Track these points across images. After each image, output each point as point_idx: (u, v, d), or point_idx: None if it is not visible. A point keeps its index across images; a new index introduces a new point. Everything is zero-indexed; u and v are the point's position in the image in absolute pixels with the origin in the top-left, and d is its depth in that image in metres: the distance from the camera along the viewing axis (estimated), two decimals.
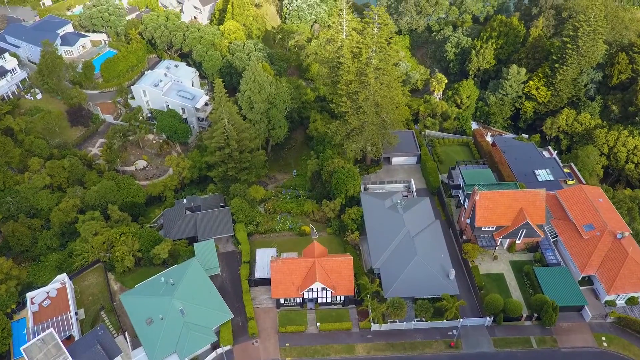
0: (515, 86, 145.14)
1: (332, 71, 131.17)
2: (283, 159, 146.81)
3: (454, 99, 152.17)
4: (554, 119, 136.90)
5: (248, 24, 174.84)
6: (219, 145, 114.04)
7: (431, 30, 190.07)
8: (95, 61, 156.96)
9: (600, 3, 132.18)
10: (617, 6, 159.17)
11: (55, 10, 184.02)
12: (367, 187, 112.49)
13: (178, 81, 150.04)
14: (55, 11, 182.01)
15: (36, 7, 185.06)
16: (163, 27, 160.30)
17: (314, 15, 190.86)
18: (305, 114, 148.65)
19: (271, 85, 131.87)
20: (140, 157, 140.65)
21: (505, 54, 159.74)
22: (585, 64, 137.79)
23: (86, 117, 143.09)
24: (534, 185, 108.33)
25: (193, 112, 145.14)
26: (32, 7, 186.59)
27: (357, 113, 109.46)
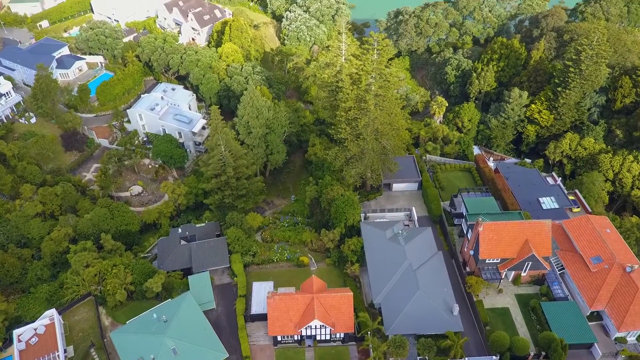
0: (517, 110, 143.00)
1: (330, 95, 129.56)
2: (281, 183, 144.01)
3: (455, 122, 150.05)
4: (557, 144, 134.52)
5: (246, 46, 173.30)
6: (215, 172, 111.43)
7: (431, 51, 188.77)
8: (91, 84, 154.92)
9: (602, 27, 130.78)
10: (619, 29, 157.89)
11: (52, 32, 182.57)
12: (367, 215, 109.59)
13: (175, 104, 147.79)
14: (52, 33, 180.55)
15: (33, 29, 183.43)
16: (160, 50, 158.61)
17: (312, 36, 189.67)
18: (304, 137, 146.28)
19: (269, 109, 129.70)
20: (135, 182, 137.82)
21: (506, 77, 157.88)
22: (588, 88, 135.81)
23: (81, 142, 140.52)
24: (539, 213, 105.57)
25: (190, 137, 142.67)
26: (29, 29, 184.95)
27: (357, 140, 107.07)
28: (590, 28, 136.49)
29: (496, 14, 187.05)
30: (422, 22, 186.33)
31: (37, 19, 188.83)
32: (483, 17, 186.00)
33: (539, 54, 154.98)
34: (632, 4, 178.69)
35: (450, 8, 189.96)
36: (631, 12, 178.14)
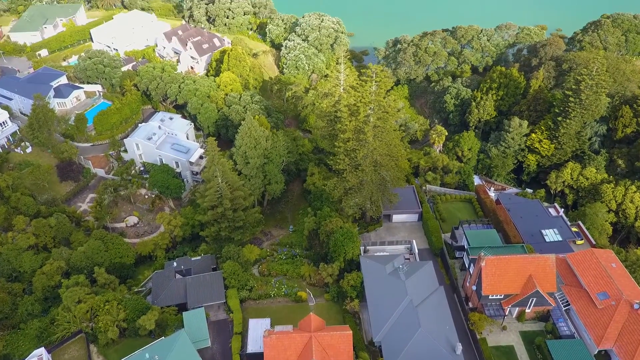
0: (517, 139, 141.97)
1: (329, 124, 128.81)
2: (280, 213, 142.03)
3: (454, 151, 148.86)
4: (558, 173, 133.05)
5: (245, 75, 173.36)
6: (211, 204, 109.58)
7: (430, 80, 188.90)
8: (89, 113, 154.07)
9: (602, 57, 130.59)
10: (618, 57, 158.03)
11: (50, 61, 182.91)
12: (367, 248, 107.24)
13: (172, 134, 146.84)
14: (51, 62, 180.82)
15: (32, 58, 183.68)
16: (158, 79, 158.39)
17: (311, 65, 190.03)
18: (302, 166, 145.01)
19: (267, 139, 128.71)
20: (131, 212, 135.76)
21: (505, 106, 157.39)
22: (589, 117, 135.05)
23: (76, 172, 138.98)
24: (542, 246, 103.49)
25: (187, 166, 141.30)
26: (28, 58, 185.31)
27: (356, 171, 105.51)
28: (589, 58, 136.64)
29: (494, 43, 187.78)
30: (421, 50, 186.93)
31: (36, 48, 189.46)
32: (481, 46, 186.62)
33: (538, 83, 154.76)
34: (629, 33, 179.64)
35: (448, 37, 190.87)
36: (629, 41, 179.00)
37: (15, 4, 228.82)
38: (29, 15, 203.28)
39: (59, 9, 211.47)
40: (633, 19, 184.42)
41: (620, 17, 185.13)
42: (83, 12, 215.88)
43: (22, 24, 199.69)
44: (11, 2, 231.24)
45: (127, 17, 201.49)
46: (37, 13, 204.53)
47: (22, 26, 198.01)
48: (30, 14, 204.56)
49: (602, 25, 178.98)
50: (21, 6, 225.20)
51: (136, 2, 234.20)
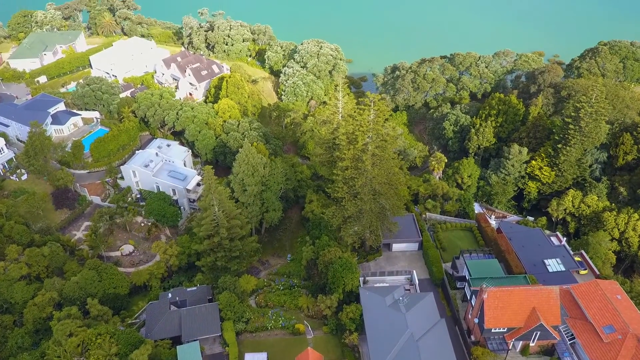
0: (517, 166, 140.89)
1: (327, 151, 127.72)
2: (277, 241, 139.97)
3: (454, 178, 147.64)
4: (559, 201, 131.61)
5: (243, 102, 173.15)
6: (207, 233, 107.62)
7: (429, 106, 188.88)
8: (86, 140, 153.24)
9: (600, 84, 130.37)
10: (616, 84, 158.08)
11: (49, 87, 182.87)
12: (367, 279, 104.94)
13: (170, 161, 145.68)
14: (49, 88, 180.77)
15: (30, 85, 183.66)
16: (156, 106, 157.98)
17: (310, 92, 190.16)
18: (301, 192, 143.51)
19: (265, 166, 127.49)
20: (126, 241, 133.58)
21: (505, 132, 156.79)
22: (589, 145, 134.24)
23: (72, 199, 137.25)
24: (545, 276, 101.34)
25: (184, 194, 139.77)
26: (26, 85, 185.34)
27: (354, 199, 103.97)
28: (588, 85, 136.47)
29: (492, 70, 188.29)
30: (419, 77, 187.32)
31: (35, 75, 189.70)
32: (480, 73, 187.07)
33: (537, 110, 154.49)
34: (627, 60, 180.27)
35: (446, 64, 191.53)
36: (627, 68, 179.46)
37: (16, 31, 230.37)
38: (29, 42, 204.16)
39: (59, 36, 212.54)
40: (630, 46, 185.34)
41: (617, 44, 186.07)
42: (83, 39, 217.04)
43: (21, 50, 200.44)
44: (12, 29, 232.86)
45: (126, 44, 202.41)
46: (37, 40, 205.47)
47: (21, 53, 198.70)
48: (30, 41, 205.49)
49: (600, 52, 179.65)
50: (22, 33, 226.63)
51: (136, 29, 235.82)
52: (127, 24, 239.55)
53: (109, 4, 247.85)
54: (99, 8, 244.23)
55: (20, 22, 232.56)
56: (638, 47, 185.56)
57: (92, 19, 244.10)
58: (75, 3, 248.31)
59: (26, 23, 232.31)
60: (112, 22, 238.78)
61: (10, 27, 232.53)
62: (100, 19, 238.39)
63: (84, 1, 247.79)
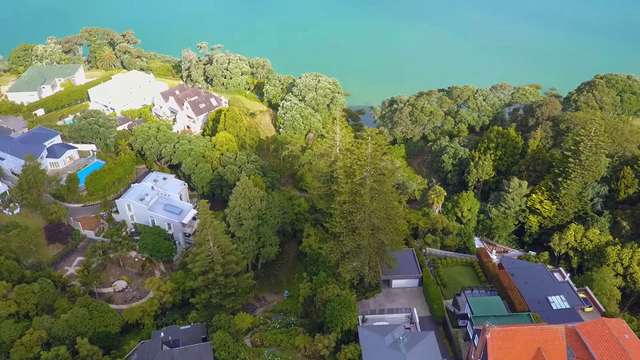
0: (517, 199, 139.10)
1: (325, 185, 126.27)
2: (274, 277, 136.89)
3: (454, 212, 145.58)
4: (561, 235, 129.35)
5: (241, 135, 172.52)
6: (202, 269, 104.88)
7: (427, 139, 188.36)
8: (81, 173, 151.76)
9: (599, 117, 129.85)
10: (615, 118, 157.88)
11: (46, 120, 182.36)
12: (366, 317, 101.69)
13: (165, 194, 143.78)
14: (47, 121, 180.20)
15: (28, 118, 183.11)
16: (153, 139, 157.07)
17: (307, 125, 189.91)
18: (298, 226, 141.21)
19: (262, 200, 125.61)
20: (120, 277, 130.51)
21: (504, 165, 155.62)
22: (589, 178, 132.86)
23: (65, 234, 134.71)
24: (549, 314, 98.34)
25: (180, 228, 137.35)
26: (24, 117, 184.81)
27: (353, 234, 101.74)
28: (587, 118, 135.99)
29: (490, 103, 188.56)
30: (417, 110, 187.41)
31: (33, 108, 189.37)
32: (477, 106, 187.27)
33: (536, 143, 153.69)
34: (624, 94, 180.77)
35: (444, 97, 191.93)
36: (624, 101, 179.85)
37: (16, 64, 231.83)
38: (28, 76, 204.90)
39: (58, 69, 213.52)
40: (627, 79, 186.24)
41: (614, 77, 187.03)
42: (82, 73, 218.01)
43: (20, 84, 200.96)
44: (12, 62, 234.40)
45: (125, 77, 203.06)
46: (36, 73, 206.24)
47: (20, 86, 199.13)
48: (29, 74, 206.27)
49: (597, 85, 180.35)
50: (21, 66, 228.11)
51: (135, 62, 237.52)
52: (127, 58, 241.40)
53: (109, 38, 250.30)
54: (99, 42, 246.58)
55: (20, 55, 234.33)
56: (634, 80, 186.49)
57: (92, 53, 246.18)
58: (75, 37, 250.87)
59: (26, 57, 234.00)
60: (111, 56, 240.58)
61: (11, 61, 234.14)
62: (100, 52, 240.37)
63: (84, 35, 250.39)
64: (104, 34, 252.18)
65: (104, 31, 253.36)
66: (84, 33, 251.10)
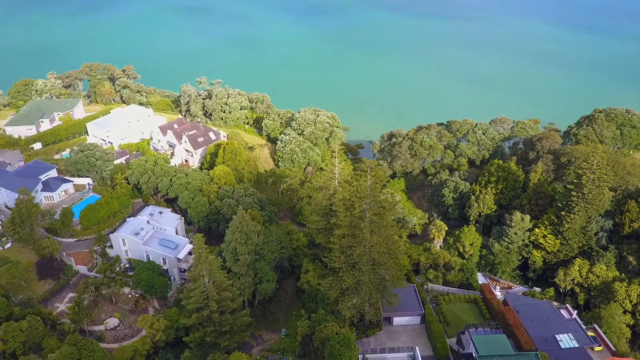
0: (520, 234, 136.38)
1: (324, 218, 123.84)
2: (271, 314, 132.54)
3: (455, 247, 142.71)
4: (566, 270, 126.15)
5: (240, 168, 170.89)
6: (196, 306, 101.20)
7: (427, 173, 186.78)
8: (76, 207, 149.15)
9: (601, 150, 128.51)
10: (616, 151, 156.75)
11: (43, 154, 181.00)
12: (366, 357, 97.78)
13: (161, 229, 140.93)
14: (44, 155, 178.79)
15: (25, 151, 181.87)
16: (150, 172, 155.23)
17: (306, 158, 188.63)
18: (296, 262, 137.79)
19: (259, 234, 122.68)
20: (112, 314, 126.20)
21: (506, 199, 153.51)
22: (593, 212, 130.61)
23: (57, 269, 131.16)
24: (557, 354, 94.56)
25: (175, 263, 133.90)
26: (21, 151, 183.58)
27: (352, 270, 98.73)
28: (589, 151, 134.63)
29: (490, 137, 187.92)
30: (416, 144, 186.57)
31: (30, 141, 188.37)
32: (477, 140, 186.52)
33: (537, 177, 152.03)
34: (624, 127, 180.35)
35: (443, 131, 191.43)
36: (624, 135, 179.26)
37: (15, 99, 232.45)
38: (27, 110, 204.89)
39: (57, 103, 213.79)
40: (626, 113, 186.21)
41: (613, 111, 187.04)
42: (81, 107, 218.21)
43: (18, 117, 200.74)
44: (12, 97, 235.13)
45: (124, 111, 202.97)
46: (35, 107, 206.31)
47: (18, 120, 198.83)
48: (28, 108, 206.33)
49: (596, 119, 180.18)
50: (21, 101, 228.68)
51: (135, 97, 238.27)
52: (126, 92, 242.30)
53: (109, 73, 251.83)
54: (99, 77, 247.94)
55: (20, 90, 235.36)
56: (633, 114, 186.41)
57: (92, 88, 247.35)
58: (76, 72, 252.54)
59: (26, 91, 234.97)
60: (111, 91, 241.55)
61: (11, 96, 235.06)
62: (100, 87, 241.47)
63: (84, 70, 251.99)
64: (104, 69, 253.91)
65: (105, 66, 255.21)
66: (84, 68, 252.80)
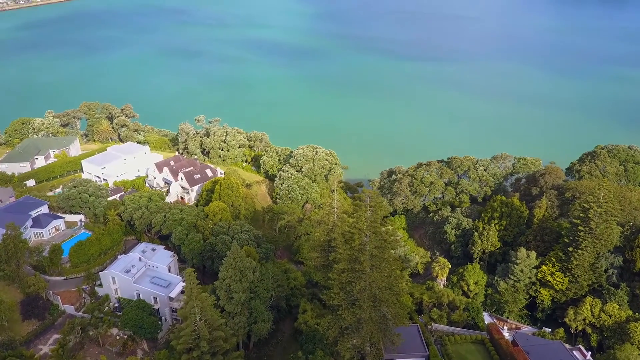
0: (526, 271, 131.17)
1: (322, 255, 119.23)
2: (267, 357, 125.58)
3: (459, 286, 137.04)
4: (576, 310, 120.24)
5: (236, 205, 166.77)
6: (186, 346, 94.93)
7: (428, 210, 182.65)
8: (66, 244, 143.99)
9: (607, 184, 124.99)
10: (622, 187, 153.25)
11: (36, 191, 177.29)
12: None
13: (153, 266, 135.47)
14: (36, 192, 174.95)
15: (18, 188, 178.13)
16: (144, 208, 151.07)
17: (305, 195, 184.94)
18: (294, 302, 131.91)
19: (254, 271, 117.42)
20: (98, 356, 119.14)
21: (510, 236, 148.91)
22: (602, 248, 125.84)
23: (42, 308, 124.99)
24: None
25: (166, 302, 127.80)
26: (14, 188, 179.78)
27: (352, 307, 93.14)
28: (594, 185, 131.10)
29: (492, 173, 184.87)
30: (417, 180, 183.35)
31: (24, 178, 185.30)
32: (479, 176, 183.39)
33: (542, 212, 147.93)
34: (627, 163, 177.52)
35: (444, 167, 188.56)
36: (628, 171, 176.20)
37: (12, 137, 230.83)
38: (22, 147, 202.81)
39: (53, 141, 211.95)
40: (628, 149, 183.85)
41: (615, 148, 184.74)
42: (77, 145, 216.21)
43: (13, 155, 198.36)
44: (9, 135, 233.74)
45: (120, 149, 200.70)
46: (30, 145, 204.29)
47: (12, 157, 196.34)
48: (24, 145, 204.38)
49: (599, 155, 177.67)
50: (17, 139, 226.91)
51: (132, 135, 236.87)
52: (124, 131, 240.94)
53: (107, 112, 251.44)
54: (98, 116, 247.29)
55: (17, 128, 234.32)
56: (636, 150, 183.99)
57: (90, 126, 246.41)
58: (74, 111, 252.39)
59: (24, 130, 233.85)
60: (109, 129, 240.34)
61: (7, 134, 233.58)
62: (98, 126, 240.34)
63: (83, 109, 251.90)
64: (103, 108, 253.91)
65: (104, 105, 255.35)
66: (83, 107, 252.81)
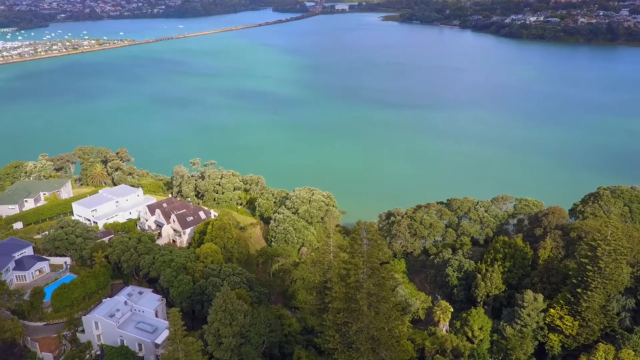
0: (534, 315, 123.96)
1: (318, 297, 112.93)
2: None
3: (463, 331, 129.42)
4: (589, 357, 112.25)
5: (229, 247, 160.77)
6: None
7: (428, 253, 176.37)
8: (49, 288, 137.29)
9: (614, 220, 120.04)
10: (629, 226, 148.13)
11: (23, 233, 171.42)
12: None
13: (140, 310, 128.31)
14: (22, 234, 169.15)
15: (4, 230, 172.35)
16: (132, 250, 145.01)
17: (301, 238, 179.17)
18: (288, 350, 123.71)
19: (246, 315, 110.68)
20: None
21: (515, 278, 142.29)
22: (612, 289, 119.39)
23: (18, 356, 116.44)
24: None
25: (152, 349, 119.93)
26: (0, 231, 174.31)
27: (349, 350, 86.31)
28: (600, 223, 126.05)
29: (493, 214, 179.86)
30: (416, 222, 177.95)
31: (11, 220, 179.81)
32: (480, 217, 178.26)
33: (547, 253, 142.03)
34: (632, 204, 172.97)
35: (444, 209, 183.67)
36: (634, 212, 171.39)
37: (3, 181, 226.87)
38: (12, 189, 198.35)
39: (44, 184, 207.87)
40: (632, 189, 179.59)
41: (618, 188, 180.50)
42: (70, 187, 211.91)
43: (2, 197, 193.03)
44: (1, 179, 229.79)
45: (112, 191, 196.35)
46: (20, 187, 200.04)
47: (1, 199, 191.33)
48: (14, 188, 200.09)
49: (602, 196, 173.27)
50: (8, 182, 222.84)
51: (126, 179, 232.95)
52: (118, 175, 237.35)
53: (102, 156, 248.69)
54: (92, 160, 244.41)
55: (9, 172, 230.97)
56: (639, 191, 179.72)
57: (84, 170, 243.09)
58: (69, 155, 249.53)
59: (16, 173, 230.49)
60: (103, 173, 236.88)
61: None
62: (92, 170, 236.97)
63: (78, 153, 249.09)
64: (97, 152, 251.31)
65: (98, 150, 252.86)
66: (77, 151, 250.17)
